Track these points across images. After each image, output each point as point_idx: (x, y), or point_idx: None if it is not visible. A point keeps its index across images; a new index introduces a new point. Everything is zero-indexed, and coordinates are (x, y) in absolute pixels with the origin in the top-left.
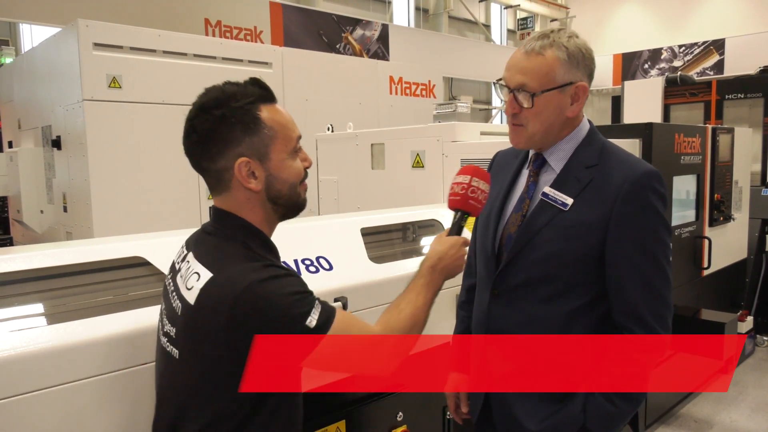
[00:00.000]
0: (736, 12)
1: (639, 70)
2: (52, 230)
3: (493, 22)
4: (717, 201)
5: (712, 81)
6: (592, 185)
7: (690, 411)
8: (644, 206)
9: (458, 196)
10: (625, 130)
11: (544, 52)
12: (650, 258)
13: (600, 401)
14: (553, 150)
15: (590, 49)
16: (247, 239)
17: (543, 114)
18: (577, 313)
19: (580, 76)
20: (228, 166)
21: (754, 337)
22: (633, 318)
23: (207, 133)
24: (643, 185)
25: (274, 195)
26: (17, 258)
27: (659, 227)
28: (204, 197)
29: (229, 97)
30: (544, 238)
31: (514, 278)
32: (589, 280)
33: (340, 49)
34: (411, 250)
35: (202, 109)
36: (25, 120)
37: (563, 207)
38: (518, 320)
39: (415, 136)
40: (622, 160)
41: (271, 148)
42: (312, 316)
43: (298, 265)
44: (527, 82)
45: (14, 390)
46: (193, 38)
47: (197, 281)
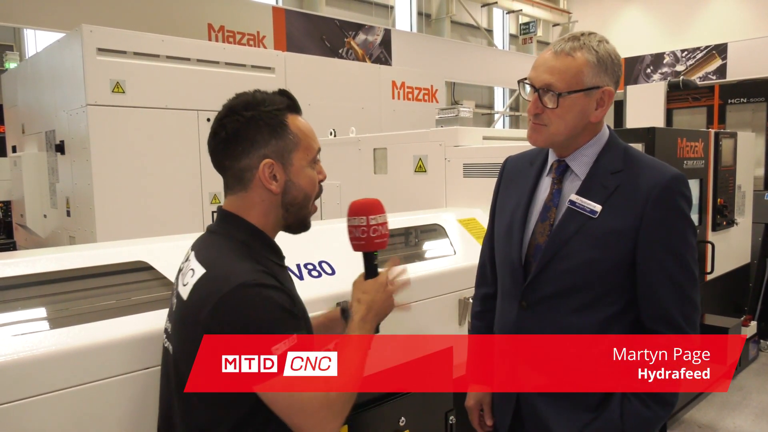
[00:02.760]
0: (738, 16)
1: (641, 75)
2: (56, 235)
3: (495, 26)
4: (720, 206)
5: (715, 85)
6: (620, 191)
7: (694, 416)
8: (674, 211)
9: (362, 240)
10: (627, 135)
11: (573, 54)
12: (680, 261)
13: (637, 406)
14: (576, 156)
15: (619, 56)
16: (249, 239)
17: (567, 116)
18: (610, 321)
19: (607, 81)
20: (251, 165)
21: (757, 342)
22: (664, 321)
23: (235, 132)
24: (672, 190)
25: (289, 201)
26: (20, 262)
27: (687, 230)
28: (207, 202)
29: (259, 102)
30: (574, 248)
31: (544, 289)
32: (621, 287)
33: (342, 54)
34: (413, 255)
35: (232, 110)
36: (28, 125)
37: (592, 215)
38: (549, 331)
39: (417, 140)
40: (649, 165)
41: (294, 155)
42: (285, 343)
43: (300, 269)
44: (554, 82)
45: (17, 394)
46: (197, 43)
47: (192, 277)
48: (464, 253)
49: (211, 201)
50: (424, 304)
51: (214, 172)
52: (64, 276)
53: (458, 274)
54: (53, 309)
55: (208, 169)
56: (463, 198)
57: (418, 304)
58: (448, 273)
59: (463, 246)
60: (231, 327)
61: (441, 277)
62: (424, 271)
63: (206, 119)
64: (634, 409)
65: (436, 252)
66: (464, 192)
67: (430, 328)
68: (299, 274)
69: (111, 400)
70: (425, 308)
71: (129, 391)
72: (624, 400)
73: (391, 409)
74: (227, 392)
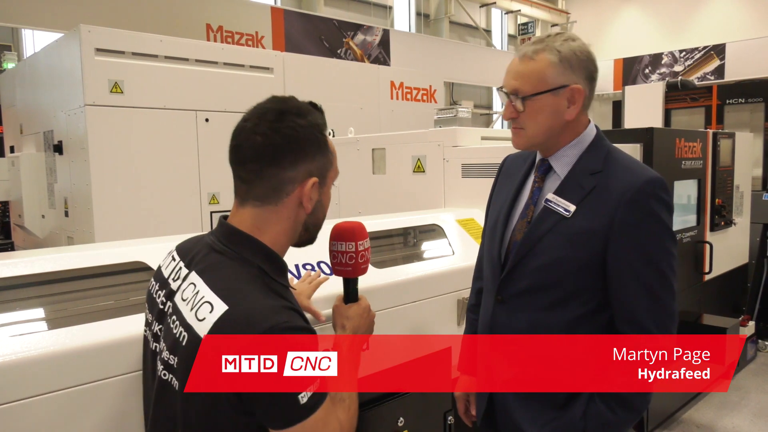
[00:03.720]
0: (736, 17)
1: (640, 75)
2: (54, 235)
3: (493, 27)
4: (718, 206)
5: (713, 86)
6: (596, 192)
7: (692, 416)
8: (647, 215)
9: (349, 267)
10: (625, 135)
11: (535, 57)
12: (653, 267)
13: (600, 409)
14: (558, 155)
15: (587, 52)
16: (265, 265)
17: (538, 117)
18: (580, 321)
19: (575, 79)
20: (294, 178)
21: (756, 342)
22: (633, 325)
23: (290, 140)
24: (646, 193)
25: (313, 222)
26: (18, 263)
27: (663, 236)
28: (206, 202)
29: (307, 111)
30: (546, 245)
31: (517, 285)
32: (592, 288)
33: (341, 54)
34: (412, 255)
35: (284, 114)
36: (27, 125)
37: (566, 213)
38: (521, 327)
39: (416, 141)
40: (626, 167)
41: (329, 173)
42: (308, 391)
43: (298, 269)
44: (519, 86)
45: (15, 395)
46: (195, 43)
47: (210, 313)
48: (463, 254)
49: (210, 201)
50: (422, 305)
51: (212, 172)
52: (62, 276)
53: (457, 274)
54: (51, 309)
55: (207, 170)
56: (462, 198)
57: (417, 304)
58: (447, 273)
59: (462, 246)
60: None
61: (440, 278)
62: (423, 272)
63: (205, 119)
64: (597, 411)
65: (435, 252)
66: (463, 192)
67: (428, 329)
68: (298, 275)
69: (110, 401)
70: (424, 308)
71: (128, 391)
72: (590, 401)
73: (389, 410)
74: (232, 423)
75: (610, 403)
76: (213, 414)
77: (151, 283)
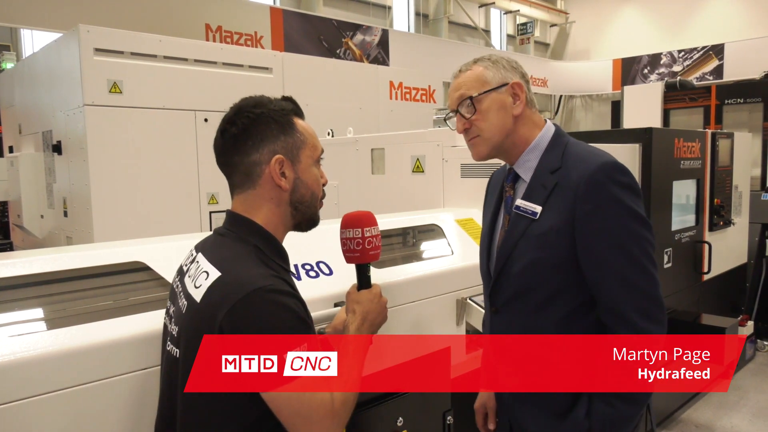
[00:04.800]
0: (735, 17)
1: (638, 75)
2: (53, 235)
3: (492, 27)
4: (717, 206)
5: (712, 86)
6: (557, 189)
7: (691, 416)
8: (605, 199)
9: (357, 252)
10: (624, 135)
11: (471, 67)
12: (622, 252)
13: (600, 406)
14: (521, 161)
15: (513, 59)
16: (260, 243)
17: (489, 116)
18: (570, 319)
19: (511, 76)
20: (261, 160)
21: (754, 341)
22: (616, 317)
23: (245, 128)
24: (599, 180)
25: (297, 199)
26: (17, 263)
27: (627, 219)
28: (205, 202)
29: (266, 102)
30: (521, 250)
31: (505, 293)
32: (572, 285)
33: (340, 54)
34: (411, 255)
35: (241, 108)
36: (25, 125)
37: (533, 216)
38: (516, 333)
39: (415, 140)
40: (580, 157)
41: (302, 152)
42: (300, 348)
43: (298, 269)
44: (465, 92)
45: (14, 395)
46: (194, 43)
47: (206, 279)
48: (462, 254)
49: (209, 201)
50: (421, 304)
51: (211, 172)
52: (61, 276)
53: (456, 274)
54: (50, 309)
55: (206, 170)
56: (461, 198)
57: (417, 304)
58: (446, 273)
59: (461, 246)
60: (246, 331)
61: (439, 278)
62: (422, 272)
63: (204, 119)
64: (598, 409)
65: (434, 252)
66: (462, 192)
67: (427, 328)
68: (297, 275)
69: (109, 401)
70: (423, 308)
71: (127, 391)
72: (590, 400)
73: (388, 410)
74: (233, 400)
75: (608, 398)
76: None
77: (174, 280)
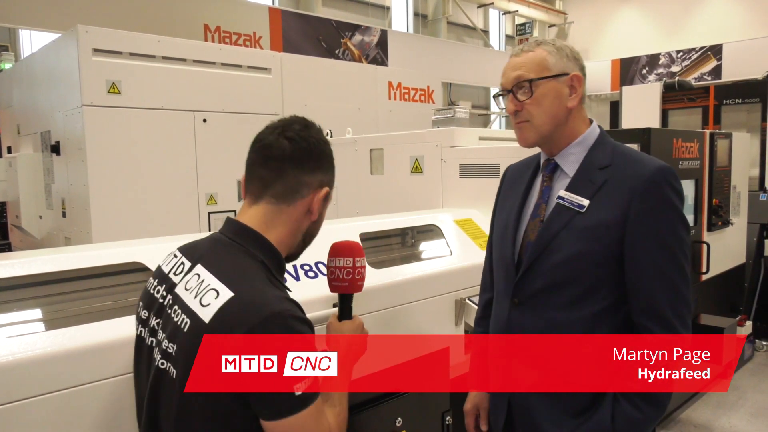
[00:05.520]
0: (733, 18)
1: (637, 76)
2: (51, 236)
3: (491, 27)
4: (715, 206)
5: (710, 86)
6: (607, 186)
7: (689, 416)
8: (661, 202)
9: (345, 282)
10: (623, 135)
11: (533, 49)
12: (669, 254)
13: (627, 408)
14: (564, 154)
15: (576, 50)
16: (267, 259)
17: (544, 103)
18: (601, 316)
19: (573, 67)
20: (311, 184)
21: (753, 341)
22: (654, 317)
23: (315, 146)
24: (659, 181)
25: (311, 232)
26: (16, 264)
27: (677, 223)
28: (203, 202)
29: (321, 130)
30: (562, 241)
31: (534, 285)
32: (611, 281)
33: (339, 54)
34: (410, 256)
35: (309, 128)
36: (24, 125)
37: (580, 209)
38: (540, 327)
39: (413, 141)
40: (636, 158)
41: (331, 192)
42: (304, 383)
43: (297, 270)
44: (524, 74)
45: (12, 396)
46: (193, 44)
47: (215, 299)
48: (461, 254)
49: (208, 202)
50: (420, 305)
51: (210, 172)
52: (59, 277)
53: (455, 274)
54: (49, 310)
55: (205, 170)
56: (460, 198)
57: (415, 305)
58: (445, 273)
59: (460, 246)
60: None
61: (438, 278)
62: (421, 272)
63: (202, 120)
64: (624, 411)
65: (433, 252)
66: (461, 192)
67: (426, 329)
68: (295, 275)
69: (108, 402)
70: (422, 309)
71: (126, 392)
72: (614, 403)
73: (387, 410)
74: (228, 425)
75: (634, 401)
76: (213, 402)
77: (148, 282)
